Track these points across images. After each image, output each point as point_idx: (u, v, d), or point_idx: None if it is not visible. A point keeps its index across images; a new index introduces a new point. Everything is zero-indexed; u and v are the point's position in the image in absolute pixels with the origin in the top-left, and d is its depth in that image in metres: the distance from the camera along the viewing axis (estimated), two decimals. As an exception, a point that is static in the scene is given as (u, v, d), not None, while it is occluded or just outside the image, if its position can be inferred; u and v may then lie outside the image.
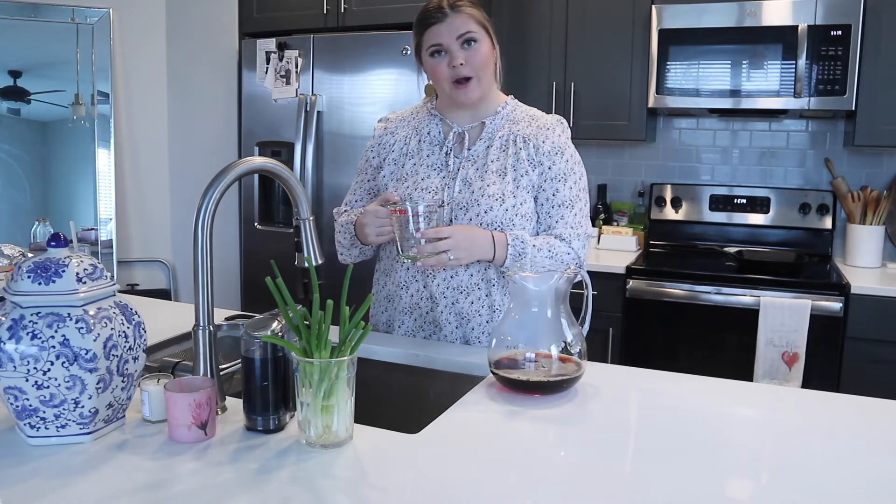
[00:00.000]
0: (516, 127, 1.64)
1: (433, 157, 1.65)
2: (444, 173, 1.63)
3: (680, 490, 0.96)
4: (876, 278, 2.69)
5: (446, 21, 1.54)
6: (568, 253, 1.58)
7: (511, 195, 1.58)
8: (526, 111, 1.68)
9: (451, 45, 1.54)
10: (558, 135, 1.64)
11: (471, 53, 1.55)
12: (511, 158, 1.60)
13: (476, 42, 1.55)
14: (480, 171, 1.60)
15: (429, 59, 1.58)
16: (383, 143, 1.72)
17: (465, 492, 0.94)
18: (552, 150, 1.61)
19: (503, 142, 1.62)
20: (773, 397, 1.36)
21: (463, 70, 1.55)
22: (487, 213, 1.57)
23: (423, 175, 1.63)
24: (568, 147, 1.64)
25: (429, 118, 1.69)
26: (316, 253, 1.31)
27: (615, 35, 3.07)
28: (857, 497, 0.95)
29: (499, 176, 1.59)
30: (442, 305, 1.63)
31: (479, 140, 1.63)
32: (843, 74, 2.68)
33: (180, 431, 1.06)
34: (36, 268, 1.05)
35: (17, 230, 3.46)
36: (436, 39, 1.55)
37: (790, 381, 2.58)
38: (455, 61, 1.54)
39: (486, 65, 1.58)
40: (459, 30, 1.54)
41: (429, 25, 1.55)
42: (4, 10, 3.42)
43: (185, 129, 3.82)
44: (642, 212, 3.42)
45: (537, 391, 1.28)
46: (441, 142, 1.66)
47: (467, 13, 1.55)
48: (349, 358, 1.06)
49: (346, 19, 3.11)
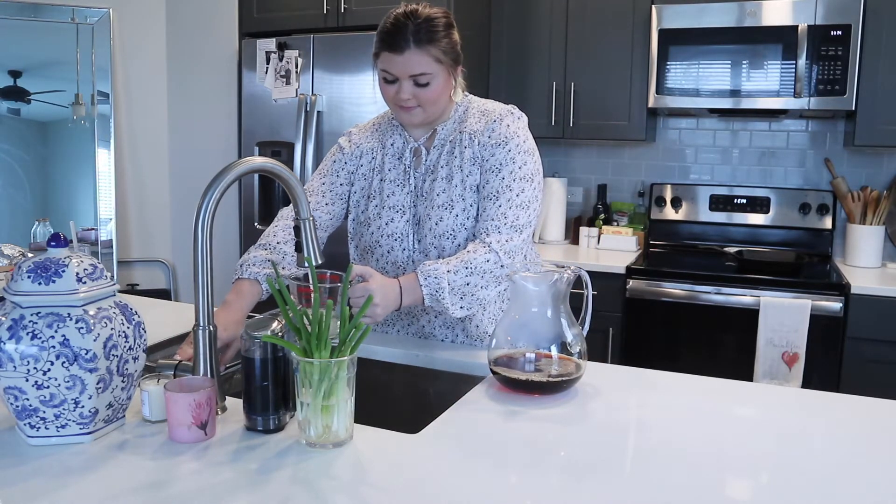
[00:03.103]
0: (465, 125, 1.56)
1: (395, 173, 1.60)
2: (408, 189, 1.58)
3: (680, 490, 0.96)
4: (876, 278, 2.69)
5: (403, 56, 1.43)
6: (487, 260, 1.45)
7: (459, 199, 1.53)
8: (479, 106, 1.59)
9: (403, 79, 1.46)
10: (507, 125, 1.53)
11: (421, 91, 1.47)
12: (457, 160, 1.54)
13: (429, 83, 1.46)
14: (430, 182, 1.56)
15: (381, 78, 1.50)
16: (350, 154, 1.64)
17: (465, 492, 0.94)
18: (496, 142, 1.52)
19: (451, 146, 1.56)
20: (773, 397, 1.36)
21: (408, 103, 1.48)
22: (438, 224, 1.53)
23: (387, 192, 1.59)
24: (514, 137, 1.52)
25: (391, 129, 1.63)
26: (316, 253, 1.31)
27: (615, 35, 3.07)
28: (857, 497, 0.95)
29: (447, 182, 1.54)
30: (424, 321, 1.63)
31: (433, 148, 1.58)
32: (843, 74, 2.68)
33: (180, 431, 1.06)
34: (36, 268, 1.05)
35: (17, 230, 3.46)
36: (388, 67, 1.46)
37: (790, 381, 2.58)
38: (402, 95, 1.47)
39: (436, 101, 1.49)
40: (413, 70, 1.44)
41: (384, 49, 1.45)
42: (4, 10, 3.42)
43: (185, 129, 3.82)
44: (642, 212, 3.42)
45: (537, 391, 1.28)
46: (400, 156, 1.61)
47: (428, 53, 1.44)
48: (349, 358, 1.06)
49: (346, 19, 3.11)
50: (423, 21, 1.44)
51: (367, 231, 1.61)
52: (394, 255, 1.59)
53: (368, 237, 1.62)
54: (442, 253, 1.55)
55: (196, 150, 3.79)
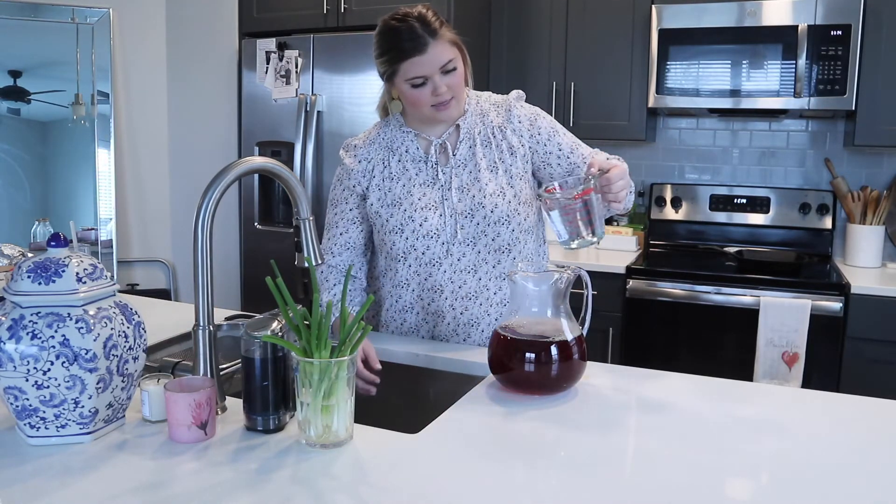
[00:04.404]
0: (488, 118, 1.62)
1: (423, 175, 1.60)
2: (438, 186, 1.59)
3: (680, 490, 0.96)
4: (876, 278, 2.69)
5: (427, 52, 1.45)
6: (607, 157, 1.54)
7: (509, 187, 1.58)
8: (487, 100, 1.66)
9: (434, 75, 1.48)
10: (522, 107, 1.64)
11: (451, 79, 1.50)
12: (496, 152, 1.60)
13: (455, 68, 1.50)
14: (473, 172, 1.59)
15: (410, 89, 1.50)
16: (361, 171, 1.63)
17: (465, 492, 0.94)
18: (527, 121, 1.62)
19: (484, 138, 1.61)
20: (773, 397, 1.36)
21: (446, 95, 1.50)
22: (493, 211, 1.57)
23: (417, 195, 1.59)
24: (535, 111, 1.65)
25: (402, 135, 1.62)
26: (316, 253, 1.31)
27: (615, 35, 3.07)
28: (857, 497, 0.95)
29: (492, 172, 1.59)
30: (450, 318, 1.63)
31: (460, 143, 1.60)
32: (843, 74, 2.68)
33: (180, 431, 1.06)
34: (36, 268, 1.05)
35: (17, 230, 3.46)
36: (419, 72, 1.47)
37: (790, 381, 2.58)
38: (439, 90, 1.49)
39: (462, 84, 1.54)
40: (442, 61, 1.47)
41: (408, 56, 1.46)
42: (4, 10, 3.42)
43: (185, 130, 3.82)
44: (642, 212, 3.42)
45: (537, 391, 1.28)
46: (423, 157, 1.61)
47: (446, 38, 1.48)
48: (349, 358, 1.06)
49: (346, 19, 3.11)
50: (422, 15, 1.47)
51: (401, 238, 1.59)
52: (430, 253, 1.59)
53: (402, 243, 1.60)
54: (497, 238, 1.59)
55: (196, 150, 3.79)
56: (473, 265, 1.60)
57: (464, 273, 1.60)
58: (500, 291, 1.63)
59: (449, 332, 1.64)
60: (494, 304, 1.63)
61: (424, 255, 1.60)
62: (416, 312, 1.66)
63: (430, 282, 1.62)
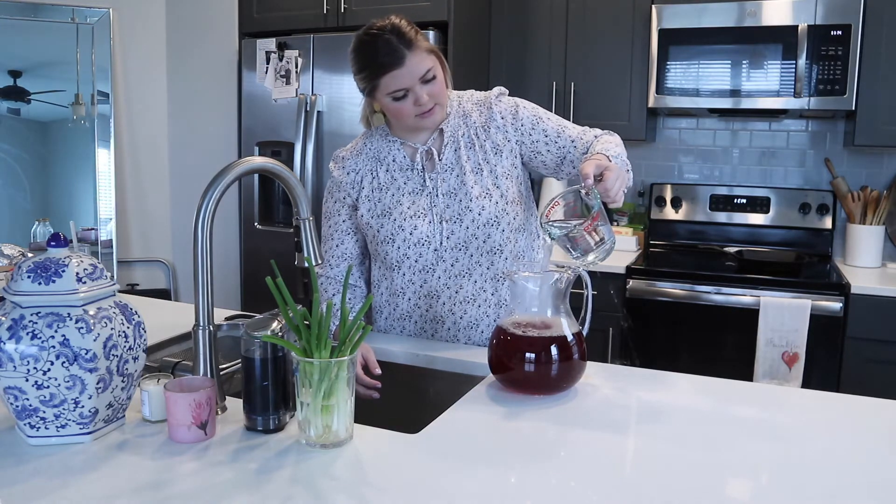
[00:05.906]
0: (470, 119, 1.61)
1: (411, 183, 1.60)
2: (427, 193, 1.59)
3: (680, 490, 0.96)
4: (876, 278, 2.69)
5: (406, 64, 1.44)
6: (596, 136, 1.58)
7: (494, 188, 1.57)
8: (469, 99, 1.64)
9: (414, 86, 1.47)
10: (503, 102, 1.62)
11: (432, 87, 1.49)
12: (480, 153, 1.59)
13: (434, 76, 1.48)
14: (460, 176, 1.58)
15: (392, 102, 1.49)
16: (350, 182, 1.63)
17: (465, 492, 0.94)
18: (510, 115, 1.60)
19: (467, 140, 1.60)
20: (773, 397, 1.36)
21: (428, 104, 1.49)
22: (481, 214, 1.56)
23: (407, 204, 1.59)
24: (516, 102, 1.62)
25: (388, 145, 1.62)
26: (316, 253, 1.31)
27: (615, 35, 3.07)
28: (857, 497, 0.95)
29: (477, 174, 1.58)
30: (449, 322, 1.63)
31: (445, 147, 1.60)
32: (843, 74, 2.68)
33: (180, 431, 1.06)
34: (36, 268, 1.05)
35: (17, 230, 3.47)
36: (399, 85, 1.46)
37: (790, 381, 2.58)
38: (421, 100, 1.48)
39: (444, 90, 1.53)
40: (421, 71, 1.46)
41: (386, 70, 1.45)
42: (4, 10, 3.42)
43: (185, 129, 3.82)
44: (642, 212, 3.42)
45: (537, 391, 1.28)
46: (410, 165, 1.61)
47: (423, 47, 1.47)
48: (349, 358, 1.06)
49: (346, 19, 3.11)
50: (395, 27, 1.46)
51: (393, 247, 1.59)
52: (423, 260, 1.60)
53: (395, 252, 1.59)
54: (487, 240, 1.57)
55: (196, 150, 3.79)
56: (468, 269, 1.60)
57: (459, 277, 1.60)
58: (497, 292, 1.63)
59: (450, 337, 1.64)
60: (493, 306, 1.63)
61: (418, 262, 1.60)
62: (414, 321, 1.66)
63: (426, 288, 1.62)
